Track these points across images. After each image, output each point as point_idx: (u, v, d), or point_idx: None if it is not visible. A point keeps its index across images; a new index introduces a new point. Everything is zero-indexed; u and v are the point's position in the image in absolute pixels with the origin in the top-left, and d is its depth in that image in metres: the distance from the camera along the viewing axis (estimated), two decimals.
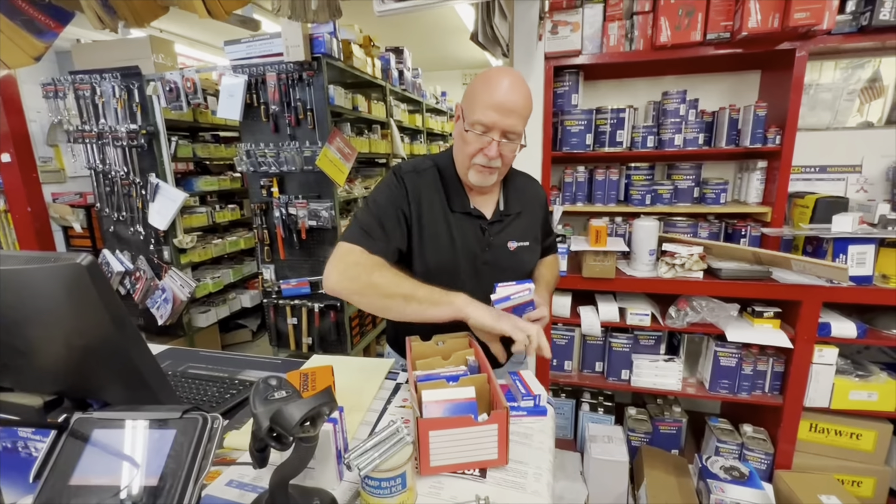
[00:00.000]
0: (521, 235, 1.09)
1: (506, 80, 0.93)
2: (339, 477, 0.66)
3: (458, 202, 1.03)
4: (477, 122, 0.94)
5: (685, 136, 1.83)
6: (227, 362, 1.11)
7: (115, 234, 2.88)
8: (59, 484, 0.42)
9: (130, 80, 2.56)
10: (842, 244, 1.52)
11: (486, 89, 0.94)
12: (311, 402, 0.49)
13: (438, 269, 1.01)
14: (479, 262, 1.04)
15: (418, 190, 1.02)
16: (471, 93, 0.97)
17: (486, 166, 0.97)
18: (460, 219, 1.03)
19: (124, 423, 0.46)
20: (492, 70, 0.97)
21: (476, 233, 1.04)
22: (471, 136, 0.95)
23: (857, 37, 1.60)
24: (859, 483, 1.67)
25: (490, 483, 0.66)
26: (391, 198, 1.01)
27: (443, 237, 1.02)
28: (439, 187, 1.04)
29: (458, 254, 1.02)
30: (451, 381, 0.74)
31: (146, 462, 0.43)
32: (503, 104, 0.92)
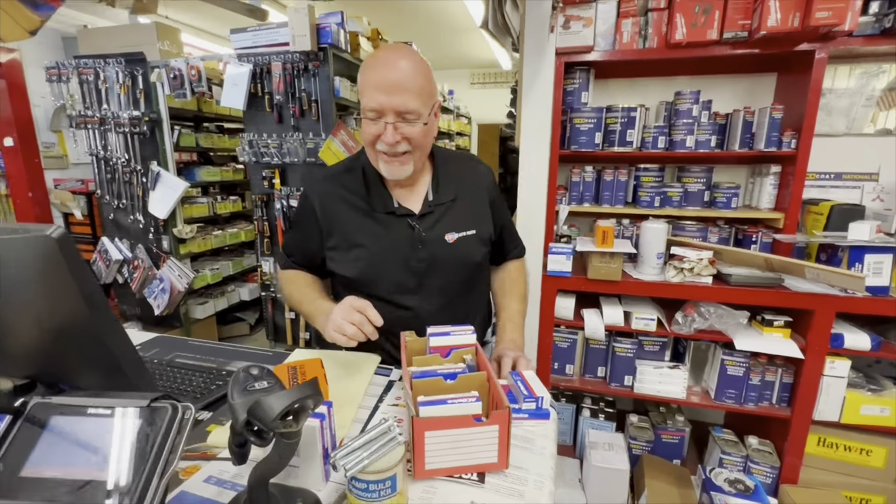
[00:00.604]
0: (461, 224, 1.01)
1: (389, 57, 0.87)
2: (325, 477, 0.62)
3: (379, 203, 0.98)
4: (366, 107, 0.87)
5: (697, 137, 1.78)
6: (217, 353, 1.07)
7: (114, 222, 2.85)
8: (8, 475, 0.38)
9: (135, 66, 2.53)
10: (858, 253, 1.47)
11: (370, 71, 0.87)
12: (294, 393, 0.45)
13: (360, 277, 0.99)
14: (413, 261, 0.98)
15: (325, 201, 1.01)
16: (360, 78, 0.90)
17: (390, 154, 0.89)
18: (385, 220, 0.98)
19: (86, 409, 0.41)
20: (376, 51, 0.94)
21: (405, 231, 0.98)
22: (366, 124, 0.89)
23: (879, 39, 1.54)
24: (868, 501, 1.61)
25: (488, 489, 0.61)
26: (299, 216, 1.08)
27: (361, 244, 0.98)
28: (360, 190, 0.99)
29: (384, 257, 0.97)
30: (448, 378, 0.69)
31: (106, 454, 0.39)
32: (388, 83, 0.84)
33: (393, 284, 0.98)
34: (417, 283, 0.99)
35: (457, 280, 1.03)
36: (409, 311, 0.99)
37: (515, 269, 1.20)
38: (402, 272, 0.98)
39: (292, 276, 1.09)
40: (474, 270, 1.06)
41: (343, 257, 1.00)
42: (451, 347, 0.79)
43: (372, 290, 0.98)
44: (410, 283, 0.99)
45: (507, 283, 1.16)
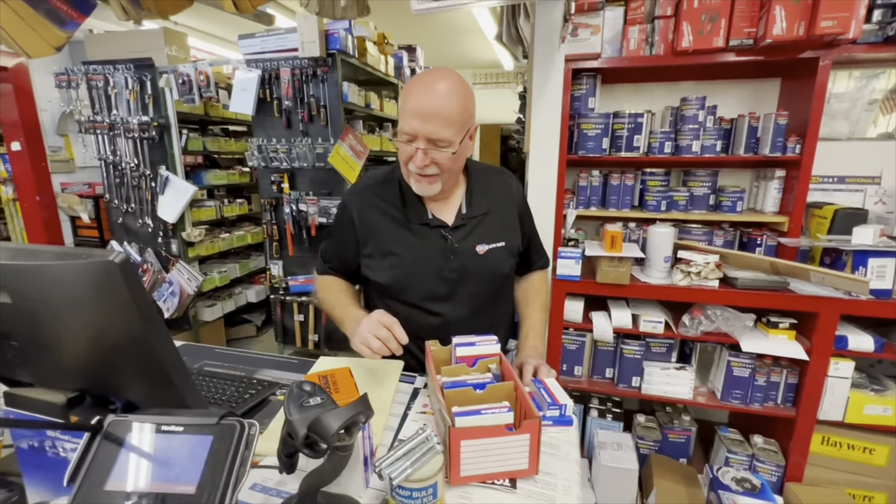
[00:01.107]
0: (492, 237, 1.05)
1: (428, 84, 0.89)
2: (365, 484, 0.65)
3: (414, 215, 1.02)
4: (401, 130, 0.92)
5: (703, 142, 1.81)
6: (242, 360, 1.10)
7: (123, 226, 2.88)
8: (95, 489, 0.41)
9: (143, 71, 2.55)
10: (861, 256, 1.50)
11: (408, 95, 0.90)
12: (350, 410, 0.48)
13: (394, 284, 1.03)
14: (446, 272, 1.02)
15: (362, 211, 1.05)
16: (400, 100, 0.95)
17: (421, 175, 0.94)
18: (420, 231, 1.02)
19: (160, 427, 0.44)
20: (419, 74, 0.97)
21: (438, 242, 1.02)
22: (401, 146, 0.93)
23: (882, 47, 1.58)
24: (871, 498, 1.65)
25: (520, 494, 0.65)
26: (337, 224, 1.11)
27: (396, 253, 1.02)
28: (396, 202, 1.04)
29: (417, 266, 1.01)
30: (477, 388, 0.72)
31: (183, 469, 0.42)
32: (423, 110, 0.87)
33: (425, 292, 1.03)
34: (448, 292, 1.03)
35: (485, 290, 1.07)
36: (438, 317, 1.04)
37: (539, 280, 1.25)
38: (434, 280, 1.02)
39: (327, 282, 1.13)
40: (502, 282, 1.11)
41: (378, 264, 1.04)
42: (477, 357, 0.83)
43: (404, 297, 1.03)
44: (441, 291, 1.03)
45: (530, 293, 1.20)
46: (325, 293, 1.11)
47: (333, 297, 1.08)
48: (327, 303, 1.09)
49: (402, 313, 0.89)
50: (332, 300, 1.08)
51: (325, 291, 1.12)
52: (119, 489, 0.41)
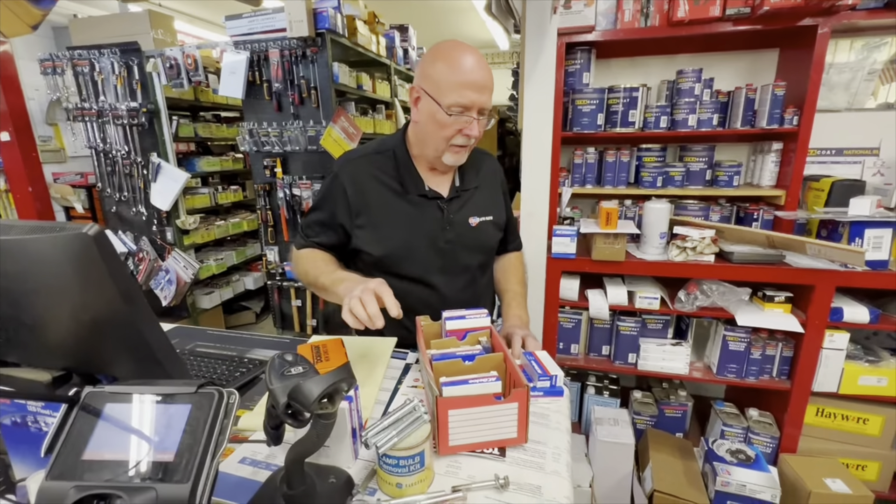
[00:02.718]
0: (483, 210, 1.09)
1: (471, 57, 0.91)
2: (354, 455, 0.65)
3: (412, 185, 1.03)
4: (455, 103, 0.91)
5: (699, 116, 1.78)
6: (235, 341, 1.10)
7: (117, 215, 2.86)
8: (72, 458, 0.40)
9: (130, 56, 2.50)
10: (858, 228, 1.49)
11: (454, 69, 0.90)
12: (330, 377, 0.47)
13: (390, 255, 1.02)
14: (440, 242, 1.04)
15: (358, 179, 1.01)
16: (434, 74, 0.92)
17: (463, 146, 0.97)
18: (417, 202, 1.03)
19: (137, 397, 0.44)
20: (448, 47, 0.93)
21: (435, 213, 1.04)
22: (449, 119, 0.92)
23: (883, 13, 1.54)
24: (864, 467, 1.67)
25: (509, 462, 0.65)
26: (326, 195, 1.05)
27: (393, 223, 1.02)
28: (389, 172, 1.03)
29: (414, 237, 1.02)
30: (466, 360, 0.72)
31: (161, 437, 0.41)
32: (477, 82, 0.90)
33: (420, 264, 1.03)
34: (443, 264, 1.05)
35: (475, 262, 1.10)
36: (433, 290, 1.05)
37: (516, 258, 1.28)
38: (429, 252, 1.03)
39: (308, 254, 1.04)
40: (489, 254, 1.14)
41: (372, 235, 1.02)
42: (467, 330, 0.82)
43: (399, 269, 1.02)
44: (437, 262, 1.04)
45: (509, 269, 1.23)
46: (307, 265, 1.01)
47: (316, 267, 0.99)
48: (309, 275, 1.00)
49: (396, 287, 0.86)
50: (314, 271, 0.99)
51: (307, 263, 1.02)
52: (97, 458, 0.41)
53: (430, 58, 0.94)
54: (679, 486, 1.55)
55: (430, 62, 0.93)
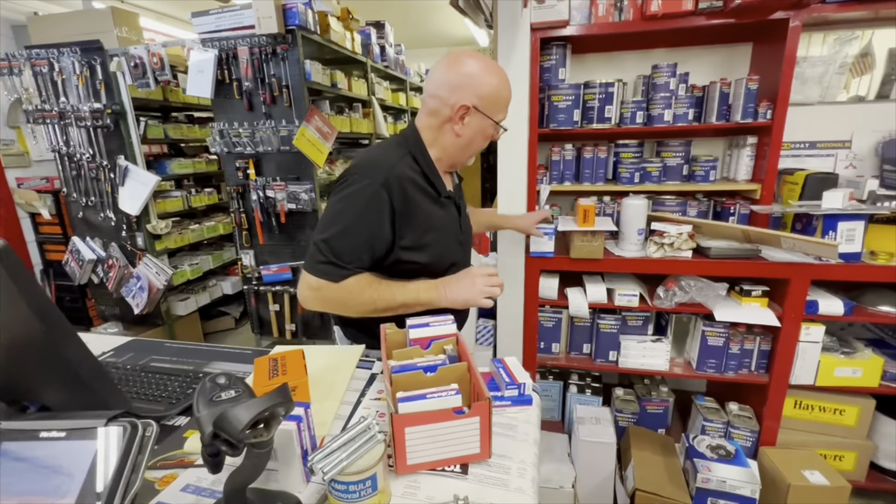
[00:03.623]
0: (463, 200, 1.19)
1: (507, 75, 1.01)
2: (305, 478, 0.61)
3: (442, 188, 1.05)
4: (500, 120, 1.02)
5: (675, 111, 1.77)
6: (195, 354, 1.05)
7: (84, 221, 2.75)
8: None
9: (92, 55, 2.40)
10: (831, 221, 1.50)
11: (506, 89, 1.01)
12: (262, 402, 0.43)
13: (432, 260, 1.02)
14: (460, 236, 1.11)
15: (405, 187, 0.95)
16: (490, 93, 0.98)
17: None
18: (444, 203, 1.06)
19: (38, 433, 0.39)
20: (495, 66, 0.99)
21: (454, 211, 1.10)
22: (494, 131, 1.03)
23: (852, 5, 1.54)
24: (841, 457, 1.69)
25: (471, 480, 0.61)
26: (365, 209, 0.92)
27: (433, 228, 1.02)
28: (421, 177, 1.01)
29: (447, 237, 1.07)
30: (428, 371, 0.68)
31: (61, 481, 0.37)
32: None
33: (449, 259, 1.08)
34: (461, 256, 1.13)
35: (470, 249, 1.21)
36: None
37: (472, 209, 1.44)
38: (454, 246, 1.10)
39: (359, 282, 0.93)
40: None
41: (418, 243, 0.99)
42: (432, 338, 0.79)
43: (436, 270, 1.04)
44: (458, 256, 1.11)
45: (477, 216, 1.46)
46: (369, 293, 0.93)
47: (381, 290, 0.94)
48: (382, 299, 0.93)
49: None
50: (386, 293, 0.93)
51: (368, 291, 0.93)
52: None
53: (485, 79, 0.97)
54: (661, 483, 1.54)
55: (487, 83, 0.97)
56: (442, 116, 0.99)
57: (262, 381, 0.78)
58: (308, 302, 0.95)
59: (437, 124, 1.01)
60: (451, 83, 0.96)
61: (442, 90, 0.97)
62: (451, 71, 0.97)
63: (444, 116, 0.98)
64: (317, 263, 0.92)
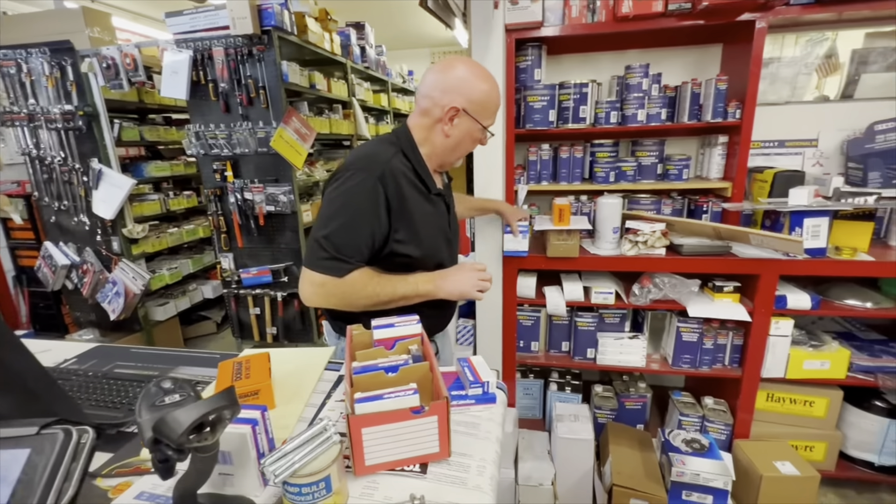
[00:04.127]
0: (453, 199, 1.23)
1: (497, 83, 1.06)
2: (262, 482, 0.61)
3: (432, 185, 1.08)
4: (490, 125, 1.06)
5: (648, 111, 1.79)
6: (161, 359, 1.03)
7: (57, 225, 2.69)
8: None
9: (62, 55, 2.35)
10: (798, 217, 1.53)
11: (496, 97, 1.05)
12: (203, 406, 0.43)
13: (425, 254, 1.05)
14: (448, 235, 1.14)
15: (399, 182, 0.98)
16: (480, 98, 1.01)
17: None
18: (434, 200, 1.09)
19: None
20: (484, 73, 1.03)
21: (443, 208, 1.12)
22: (481, 136, 1.07)
23: (815, 8, 1.58)
24: (812, 448, 1.73)
25: (430, 479, 0.62)
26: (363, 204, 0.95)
27: (425, 223, 1.05)
28: (413, 173, 1.04)
29: (438, 233, 1.10)
30: (390, 372, 0.68)
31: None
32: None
33: (441, 256, 1.10)
34: (450, 253, 1.15)
35: (457, 251, 1.24)
36: None
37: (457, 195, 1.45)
38: (444, 244, 1.12)
39: (362, 276, 0.96)
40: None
41: (410, 237, 1.01)
42: (396, 339, 0.79)
43: (427, 265, 1.06)
44: (447, 252, 1.13)
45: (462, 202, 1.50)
46: (372, 287, 0.96)
47: (382, 283, 0.98)
48: (383, 293, 0.97)
49: None
50: (388, 285, 0.98)
51: (371, 285, 0.96)
52: None
53: (476, 84, 1.01)
54: (637, 478, 1.56)
55: (478, 88, 1.01)
56: (433, 117, 1.02)
57: (224, 386, 0.77)
58: (311, 299, 0.96)
59: (428, 124, 1.04)
60: (444, 85, 1.01)
61: (435, 91, 1.01)
62: (445, 74, 1.01)
63: (434, 117, 1.02)
64: (319, 260, 0.93)
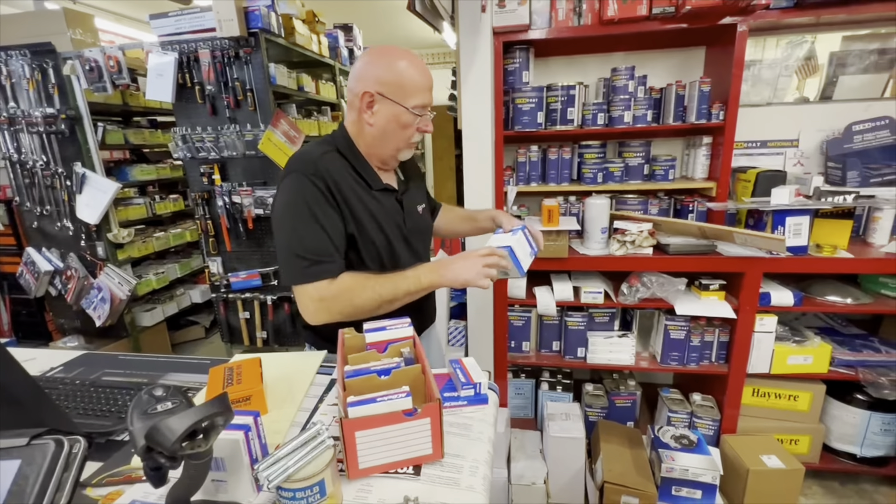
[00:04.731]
0: (421, 199, 1.19)
1: (419, 60, 0.99)
2: (255, 488, 0.61)
3: (374, 181, 1.04)
4: (419, 104, 0.98)
5: (634, 112, 1.82)
6: (151, 366, 1.02)
7: (39, 231, 2.63)
8: None
9: (43, 58, 2.31)
10: (780, 216, 1.57)
11: (416, 73, 0.97)
12: (195, 413, 0.43)
13: (381, 251, 1.03)
14: (404, 232, 1.09)
15: (334, 176, 0.97)
16: (395, 79, 0.96)
17: (416, 141, 1.05)
18: (381, 196, 1.05)
19: None
20: (399, 53, 0.98)
21: (395, 206, 1.08)
22: (412, 119, 0.98)
23: (794, 11, 1.62)
24: (796, 441, 1.77)
25: (423, 481, 0.62)
26: (313, 205, 0.92)
27: (373, 218, 1.01)
28: (350, 170, 1.01)
29: (388, 230, 1.05)
30: (382, 375, 0.69)
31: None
32: (430, 83, 1.01)
33: (397, 255, 1.06)
34: (410, 253, 1.11)
35: (427, 247, 1.21)
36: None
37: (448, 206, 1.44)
38: (400, 243, 1.07)
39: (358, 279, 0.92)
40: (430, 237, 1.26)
41: (363, 232, 0.99)
42: (388, 342, 0.79)
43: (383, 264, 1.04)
44: (406, 252, 1.09)
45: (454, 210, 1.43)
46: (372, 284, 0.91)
47: (384, 280, 0.92)
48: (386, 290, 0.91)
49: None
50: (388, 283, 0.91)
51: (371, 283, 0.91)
52: None
53: (384, 63, 0.96)
54: (628, 475, 1.58)
55: (386, 68, 0.96)
56: (355, 108, 1.00)
57: (215, 392, 0.76)
58: (317, 316, 0.91)
59: (355, 118, 1.01)
60: (356, 74, 0.99)
61: (351, 82, 1.00)
62: (358, 62, 1.00)
63: (356, 108, 0.99)
64: (303, 270, 0.90)
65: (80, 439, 0.40)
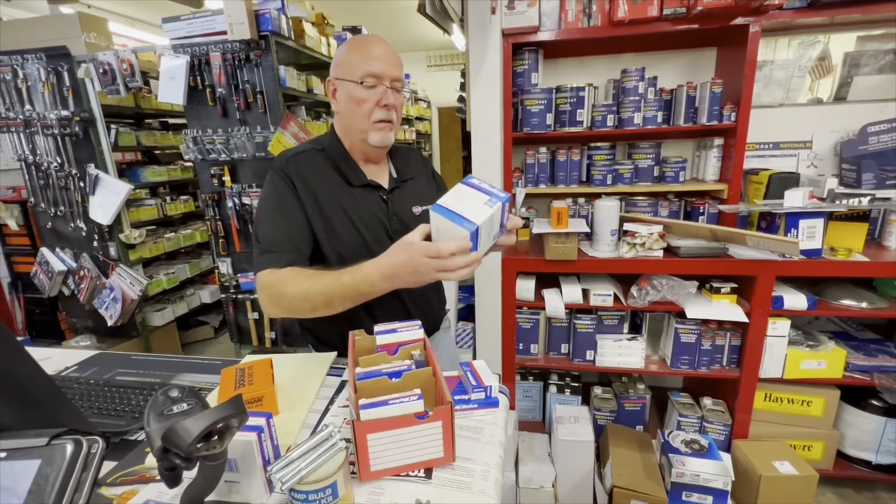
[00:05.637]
0: (421, 199, 1.10)
1: (375, 38, 0.98)
2: (268, 490, 0.61)
3: (354, 177, 1.02)
4: (366, 73, 0.93)
5: (644, 114, 1.81)
6: (163, 366, 1.03)
7: (53, 231, 2.67)
8: None
9: (58, 61, 2.34)
10: (793, 219, 1.55)
11: (360, 48, 0.96)
12: (211, 415, 0.43)
13: (350, 250, 0.98)
14: (389, 233, 1.03)
15: (303, 174, 0.98)
16: (343, 59, 0.97)
17: (385, 120, 0.97)
18: (361, 193, 1.02)
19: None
20: (351, 38, 0.99)
21: (379, 204, 1.04)
22: (364, 93, 0.94)
23: (808, 12, 1.60)
24: (810, 447, 1.74)
25: (435, 484, 0.62)
26: (277, 198, 0.96)
27: (346, 216, 0.99)
28: (329, 167, 1.01)
29: (365, 229, 1.01)
30: (393, 377, 0.69)
31: (3, 501, 0.36)
32: (381, 55, 0.95)
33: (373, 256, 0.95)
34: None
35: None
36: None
37: None
38: (379, 246, 0.98)
39: (299, 274, 0.87)
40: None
41: (326, 233, 0.98)
42: (399, 344, 0.79)
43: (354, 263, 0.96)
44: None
45: None
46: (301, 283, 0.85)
47: (318, 279, 0.85)
48: (315, 290, 0.83)
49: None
50: (321, 283, 0.84)
51: (304, 282, 0.85)
52: None
53: (338, 52, 0.99)
54: (638, 480, 1.56)
55: (338, 55, 0.99)
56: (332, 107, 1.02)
57: (227, 393, 0.77)
58: (265, 306, 0.90)
59: (335, 116, 1.04)
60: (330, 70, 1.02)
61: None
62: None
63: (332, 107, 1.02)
64: (256, 258, 0.93)
65: (98, 440, 0.40)
